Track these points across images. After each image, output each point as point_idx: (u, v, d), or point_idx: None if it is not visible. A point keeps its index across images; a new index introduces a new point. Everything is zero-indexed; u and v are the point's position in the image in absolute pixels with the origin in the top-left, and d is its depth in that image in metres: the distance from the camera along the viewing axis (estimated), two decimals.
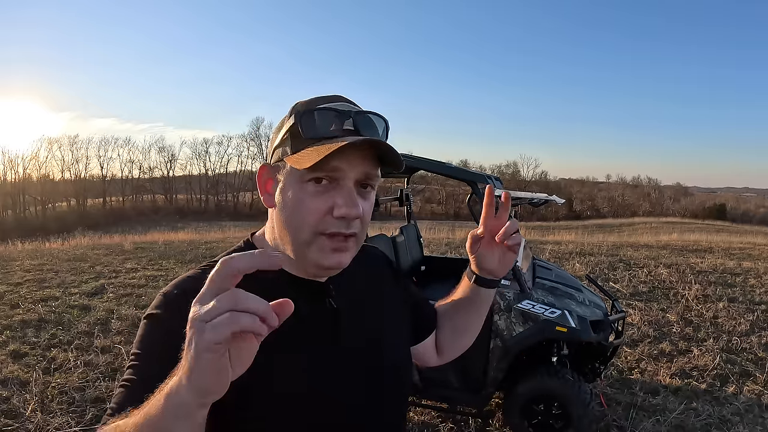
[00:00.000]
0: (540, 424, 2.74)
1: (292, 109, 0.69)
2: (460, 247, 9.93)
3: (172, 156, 64.88)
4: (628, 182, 78.70)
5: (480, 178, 3.02)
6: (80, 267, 7.76)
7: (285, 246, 0.70)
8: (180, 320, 0.54)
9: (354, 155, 0.65)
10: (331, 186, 0.66)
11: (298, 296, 0.69)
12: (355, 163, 0.65)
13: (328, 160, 0.62)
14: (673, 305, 5.54)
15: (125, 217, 52.48)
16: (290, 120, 0.68)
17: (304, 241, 0.67)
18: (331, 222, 0.65)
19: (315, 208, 0.65)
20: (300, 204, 0.66)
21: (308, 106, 0.68)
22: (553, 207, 47.00)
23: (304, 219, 0.66)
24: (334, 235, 0.66)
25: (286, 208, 0.67)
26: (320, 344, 0.71)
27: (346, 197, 0.65)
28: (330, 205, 0.65)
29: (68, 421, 3.04)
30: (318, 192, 0.65)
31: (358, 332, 0.76)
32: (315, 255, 0.67)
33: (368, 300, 0.82)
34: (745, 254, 9.11)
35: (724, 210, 58.63)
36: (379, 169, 0.69)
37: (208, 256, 8.99)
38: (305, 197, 0.65)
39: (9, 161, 53.34)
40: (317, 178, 0.65)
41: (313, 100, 0.69)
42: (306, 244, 0.67)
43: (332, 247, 0.67)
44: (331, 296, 0.74)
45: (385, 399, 0.78)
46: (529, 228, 18.92)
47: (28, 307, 5.38)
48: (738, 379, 3.71)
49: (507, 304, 2.72)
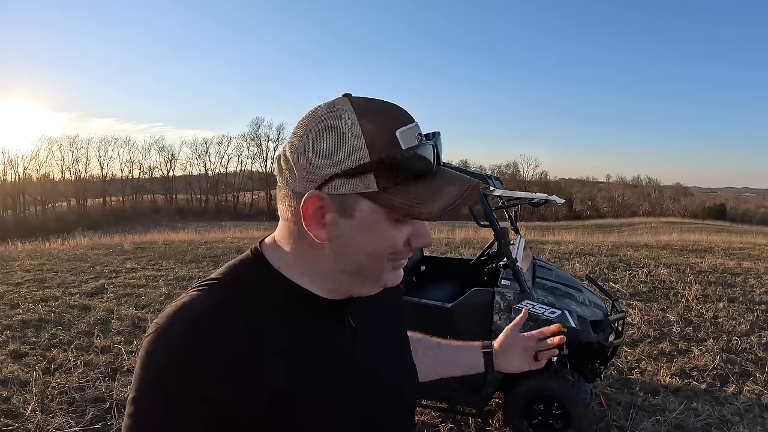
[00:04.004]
0: (540, 424, 2.74)
1: (388, 129, 0.57)
2: (460, 247, 9.93)
3: (172, 156, 64.83)
4: (628, 182, 78.69)
5: (480, 178, 3.02)
6: (80, 267, 7.76)
7: (331, 273, 0.64)
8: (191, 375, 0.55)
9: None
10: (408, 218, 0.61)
11: (316, 313, 0.67)
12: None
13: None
14: (673, 305, 5.54)
15: (125, 217, 52.42)
16: (382, 140, 0.56)
17: (378, 270, 0.63)
18: (405, 251, 0.63)
19: (394, 240, 0.60)
20: (380, 237, 0.60)
21: (407, 128, 0.57)
22: (553, 207, 46.99)
23: (382, 250, 0.61)
24: (400, 258, 0.64)
25: (358, 245, 0.60)
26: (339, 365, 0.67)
27: (424, 227, 0.63)
28: (407, 236, 0.61)
29: (68, 421, 3.04)
30: (398, 223, 0.60)
31: (374, 351, 0.72)
32: (380, 278, 0.64)
33: (378, 314, 0.78)
34: (745, 254, 9.11)
35: (724, 210, 58.60)
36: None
37: (208, 256, 9.00)
38: (388, 229, 0.60)
39: (9, 161, 53.30)
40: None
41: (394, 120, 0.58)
42: (379, 272, 0.63)
43: (395, 266, 0.64)
44: (348, 314, 0.70)
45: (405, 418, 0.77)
46: (529, 228, 18.91)
47: (28, 307, 5.38)
48: (738, 379, 3.71)
49: (507, 304, 2.72)
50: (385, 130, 0.56)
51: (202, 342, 0.57)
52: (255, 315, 0.61)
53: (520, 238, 3.59)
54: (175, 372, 0.56)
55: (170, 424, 0.56)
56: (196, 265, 8.04)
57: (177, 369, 0.56)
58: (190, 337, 0.58)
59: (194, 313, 0.60)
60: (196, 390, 0.55)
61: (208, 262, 8.31)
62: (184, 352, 0.57)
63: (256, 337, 0.60)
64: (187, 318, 0.59)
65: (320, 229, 0.60)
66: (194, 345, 0.57)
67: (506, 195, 3.35)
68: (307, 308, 0.65)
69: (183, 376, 0.56)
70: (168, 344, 0.58)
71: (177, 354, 0.57)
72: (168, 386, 0.56)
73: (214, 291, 0.63)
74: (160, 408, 0.56)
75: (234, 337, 0.59)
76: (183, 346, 0.57)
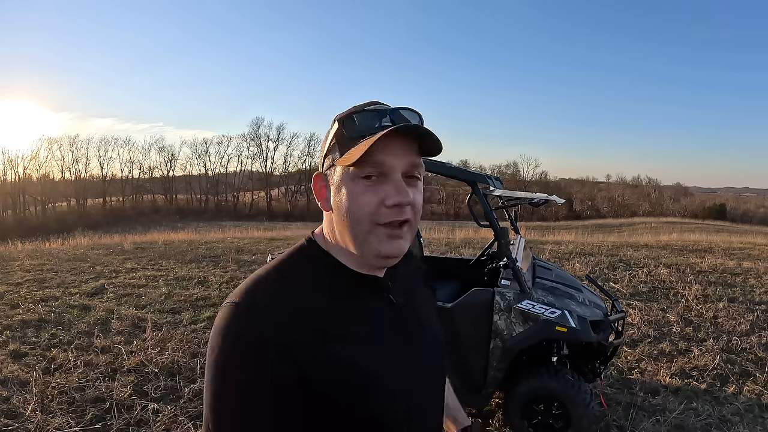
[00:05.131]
0: (540, 424, 2.74)
1: (335, 119, 0.75)
2: (460, 247, 9.93)
3: (172, 156, 64.83)
4: (628, 182, 78.63)
5: (480, 178, 3.01)
6: (80, 267, 7.77)
7: (346, 243, 0.74)
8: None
9: (396, 147, 0.70)
10: (380, 180, 0.70)
11: (361, 291, 0.75)
12: (400, 154, 0.70)
13: (374, 155, 0.68)
14: (673, 305, 5.54)
15: (125, 217, 52.43)
16: (334, 126, 0.75)
17: (363, 233, 0.71)
18: (385, 212, 0.70)
19: (369, 200, 0.70)
20: (355, 199, 0.70)
21: (349, 112, 0.74)
22: (553, 207, 47.00)
23: (360, 213, 0.70)
24: (389, 224, 0.71)
25: (342, 206, 0.72)
26: (389, 340, 0.76)
27: (396, 187, 0.70)
28: (382, 197, 0.70)
29: (68, 421, 3.04)
30: (369, 186, 0.70)
31: (417, 329, 0.82)
32: (375, 245, 0.71)
33: (417, 297, 0.88)
34: (745, 254, 9.11)
35: (724, 210, 58.58)
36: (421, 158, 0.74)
37: (208, 256, 9.00)
38: (358, 193, 0.70)
39: (9, 161, 53.29)
40: (367, 175, 0.70)
41: (351, 107, 0.75)
42: (365, 236, 0.71)
43: (388, 234, 0.71)
44: (390, 292, 0.79)
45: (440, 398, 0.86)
46: (529, 228, 18.90)
47: (28, 307, 5.38)
48: (738, 379, 3.71)
49: (507, 304, 2.72)
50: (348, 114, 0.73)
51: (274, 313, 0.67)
52: (313, 287, 0.73)
53: (520, 238, 3.59)
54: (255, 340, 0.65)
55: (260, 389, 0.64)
56: (196, 265, 8.04)
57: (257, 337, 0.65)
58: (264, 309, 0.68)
59: (265, 289, 0.71)
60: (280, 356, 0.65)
61: (208, 262, 8.31)
62: (262, 322, 0.66)
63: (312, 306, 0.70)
64: (260, 292, 0.70)
65: (324, 202, 0.76)
66: (269, 317, 0.67)
67: (506, 195, 3.35)
68: (351, 284, 0.76)
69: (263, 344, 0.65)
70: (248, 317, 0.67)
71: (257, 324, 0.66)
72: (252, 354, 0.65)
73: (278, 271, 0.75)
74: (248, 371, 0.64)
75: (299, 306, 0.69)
76: (260, 317, 0.67)
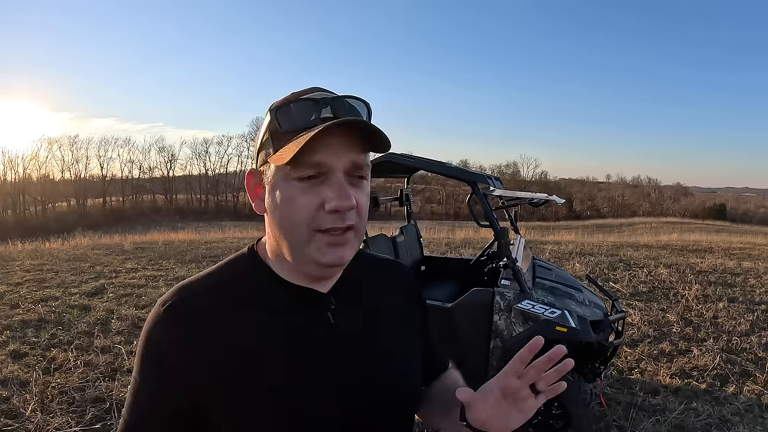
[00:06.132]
0: (540, 424, 2.73)
1: (268, 109, 0.66)
2: (460, 247, 9.93)
3: (172, 156, 65.02)
4: (628, 182, 78.76)
5: (480, 178, 3.02)
6: (80, 267, 7.77)
7: (283, 250, 0.66)
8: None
9: (337, 144, 0.61)
10: (319, 181, 0.62)
11: (293, 302, 0.68)
12: (340, 152, 0.61)
13: (311, 154, 0.59)
14: (673, 305, 5.54)
15: (125, 217, 52.43)
16: (267, 117, 0.65)
17: (300, 241, 0.63)
18: (325, 218, 0.61)
19: (305, 204, 0.61)
20: (290, 203, 0.62)
21: (283, 101, 0.65)
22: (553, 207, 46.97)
23: (296, 218, 0.62)
24: (330, 230, 0.62)
25: (277, 209, 0.64)
26: (314, 357, 0.67)
27: (336, 189, 0.61)
28: (321, 200, 0.61)
29: (68, 421, 3.03)
30: (306, 188, 0.61)
31: (358, 347, 0.71)
32: (314, 253, 0.63)
33: (378, 315, 0.76)
34: (745, 254, 9.11)
35: (724, 210, 58.60)
36: (368, 156, 0.65)
37: (208, 256, 9.00)
38: (294, 195, 0.62)
39: (9, 161, 53.49)
40: (303, 176, 0.61)
41: (289, 95, 0.66)
42: (303, 244, 0.63)
43: (329, 242, 0.63)
44: (330, 310, 0.70)
45: (382, 416, 0.72)
46: (529, 228, 18.90)
47: (28, 307, 5.38)
48: (738, 379, 3.71)
49: (507, 304, 2.72)
50: (282, 103, 0.65)
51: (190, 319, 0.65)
52: (239, 298, 0.67)
53: (520, 238, 3.59)
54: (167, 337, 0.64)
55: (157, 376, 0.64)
56: (196, 265, 8.04)
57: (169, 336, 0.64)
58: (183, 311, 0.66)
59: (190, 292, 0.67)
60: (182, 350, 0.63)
61: (208, 262, 8.31)
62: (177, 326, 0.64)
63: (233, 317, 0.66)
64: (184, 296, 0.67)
65: (259, 202, 0.68)
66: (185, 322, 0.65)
67: (506, 195, 3.35)
68: (282, 295, 0.69)
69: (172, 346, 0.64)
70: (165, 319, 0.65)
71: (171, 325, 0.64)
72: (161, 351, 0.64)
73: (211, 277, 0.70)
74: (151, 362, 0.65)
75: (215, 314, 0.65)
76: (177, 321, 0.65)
